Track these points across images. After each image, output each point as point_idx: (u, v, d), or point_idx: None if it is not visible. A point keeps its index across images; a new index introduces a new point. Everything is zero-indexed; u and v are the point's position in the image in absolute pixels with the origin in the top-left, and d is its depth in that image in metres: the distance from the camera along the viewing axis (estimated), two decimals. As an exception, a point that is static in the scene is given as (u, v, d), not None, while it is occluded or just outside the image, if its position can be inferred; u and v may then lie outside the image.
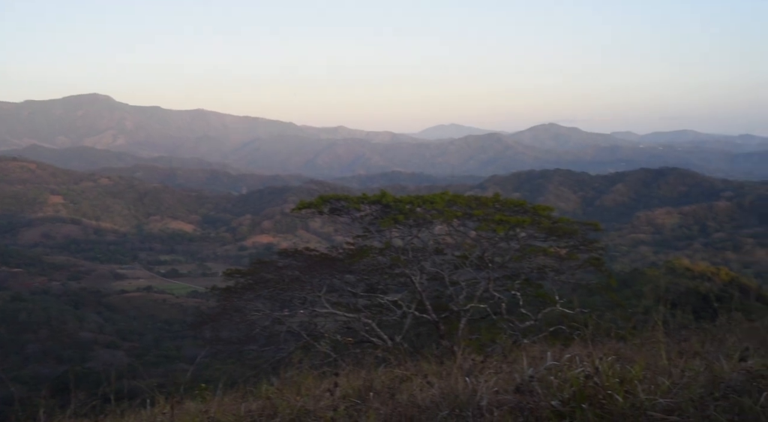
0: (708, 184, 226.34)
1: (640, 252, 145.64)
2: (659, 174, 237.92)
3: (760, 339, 6.44)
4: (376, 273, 18.36)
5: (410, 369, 6.06)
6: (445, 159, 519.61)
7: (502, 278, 18.47)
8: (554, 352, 5.20)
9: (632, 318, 8.92)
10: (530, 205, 19.18)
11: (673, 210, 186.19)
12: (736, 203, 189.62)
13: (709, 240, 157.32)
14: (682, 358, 4.90)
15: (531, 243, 18.51)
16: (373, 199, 17.10)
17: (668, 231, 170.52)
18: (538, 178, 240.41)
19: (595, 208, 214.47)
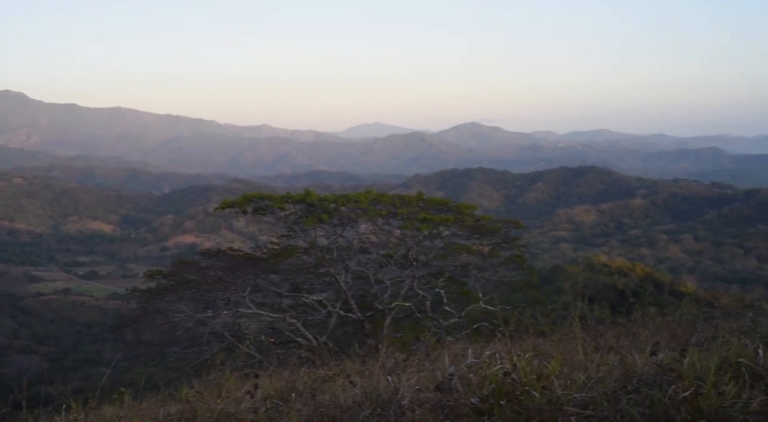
0: (624, 182, 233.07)
1: (560, 249, 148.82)
2: (578, 172, 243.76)
3: (671, 333, 6.66)
4: (301, 273, 18.27)
5: (334, 368, 6.05)
6: (369, 158, 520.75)
7: (426, 276, 18.63)
8: (475, 350, 5.27)
9: (552, 314, 9.09)
10: (454, 204, 19.41)
11: (592, 207, 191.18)
12: (650, 200, 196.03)
13: (626, 236, 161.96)
14: (598, 353, 5.02)
15: (455, 242, 18.72)
16: (297, 198, 17.01)
17: (587, 229, 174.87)
18: (462, 177, 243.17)
19: (517, 206, 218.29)
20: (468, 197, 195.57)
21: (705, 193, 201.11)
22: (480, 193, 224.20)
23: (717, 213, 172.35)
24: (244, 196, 16.83)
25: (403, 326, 17.64)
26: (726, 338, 4.85)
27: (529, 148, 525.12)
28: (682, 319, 7.59)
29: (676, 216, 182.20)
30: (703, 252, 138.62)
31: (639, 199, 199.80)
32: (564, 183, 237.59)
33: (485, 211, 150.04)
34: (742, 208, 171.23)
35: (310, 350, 13.63)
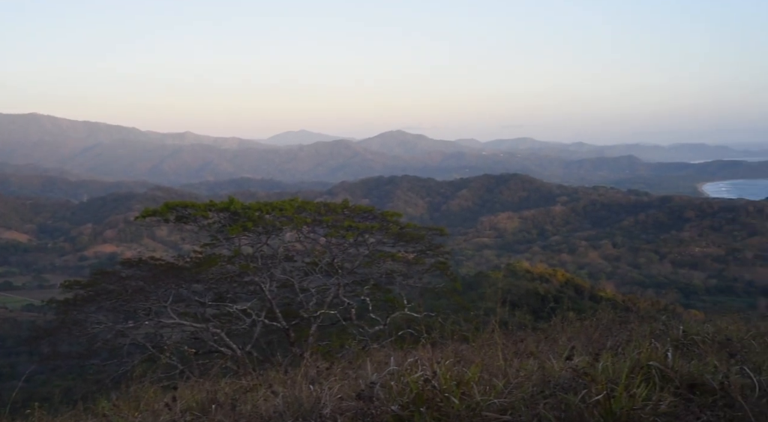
0: (546, 189, 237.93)
1: (484, 256, 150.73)
2: (501, 180, 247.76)
3: (588, 338, 6.84)
4: (225, 282, 18.05)
5: (256, 378, 6.00)
6: (294, 165, 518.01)
7: (351, 284, 18.67)
8: (398, 357, 5.31)
9: (475, 320, 9.20)
10: (379, 211, 19.51)
11: (514, 214, 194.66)
12: (570, 207, 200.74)
13: (547, 242, 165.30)
14: (518, 358, 5.13)
15: (380, 249, 18.82)
16: (221, 206, 16.80)
17: (510, 235, 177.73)
18: (387, 184, 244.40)
19: (441, 213, 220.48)
20: (393, 204, 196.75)
21: (622, 199, 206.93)
22: (405, 200, 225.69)
23: (634, 219, 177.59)
24: (166, 204, 16.51)
25: (329, 334, 17.63)
26: (638, 342, 5.02)
27: (453, 156, 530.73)
28: (599, 324, 7.79)
29: (596, 222, 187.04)
30: (620, 258, 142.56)
31: (560, 205, 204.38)
32: (487, 190, 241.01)
33: (410, 218, 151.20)
34: (658, 214, 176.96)
35: (234, 360, 13.49)
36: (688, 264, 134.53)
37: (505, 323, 8.22)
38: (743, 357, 4.95)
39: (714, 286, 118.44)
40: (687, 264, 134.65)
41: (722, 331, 6.42)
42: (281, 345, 17.04)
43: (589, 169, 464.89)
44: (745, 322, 7.57)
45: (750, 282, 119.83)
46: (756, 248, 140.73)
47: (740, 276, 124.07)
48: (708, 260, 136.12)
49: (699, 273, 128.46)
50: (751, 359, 5.08)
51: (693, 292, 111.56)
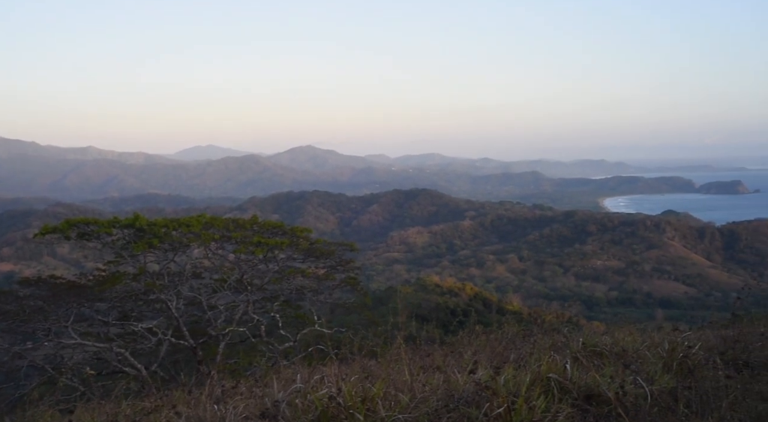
0: (454, 204, 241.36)
1: (394, 271, 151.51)
2: (411, 195, 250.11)
3: (493, 351, 6.99)
4: (130, 300, 17.57)
5: (160, 399, 5.88)
6: (203, 181, 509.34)
7: (261, 300, 18.50)
8: (305, 374, 5.31)
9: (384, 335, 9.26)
10: (289, 227, 19.41)
11: (424, 229, 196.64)
12: (478, 222, 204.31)
13: (456, 257, 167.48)
14: (425, 373, 5.21)
15: (290, 265, 18.74)
16: (125, 222, 16.38)
17: (420, 250, 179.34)
18: (297, 200, 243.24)
19: (352, 229, 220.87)
20: (304, 220, 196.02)
21: (528, 214, 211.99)
22: (315, 215, 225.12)
23: (539, 234, 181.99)
24: (67, 220, 15.99)
25: (238, 351, 17.39)
26: (539, 354, 5.18)
27: (363, 171, 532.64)
28: (504, 337, 7.97)
29: (503, 237, 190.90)
30: (527, 272, 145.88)
31: (468, 220, 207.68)
32: (397, 205, 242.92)
33: (321, 233, 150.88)
34: (561, 228, 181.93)
35: (139, 380, 13.16)
36: (591, 277, 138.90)
37: (414, 337, 8.31)
38: (637, 367, 5.18)
39: (615, 298, 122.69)
40: (590, 277, 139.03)
41: (619, 343, 6.68)
42: (189, 363, 16.72)
43: (496, 184, 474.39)
44: (641, 333, 7.89)
45: (648, 294, 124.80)
46: (653, 261, 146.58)
47: (639, 288, 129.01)
48: (609, 273, 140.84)
49: (601, 286, 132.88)
50: (644, 369, 5.31)
51: (596, 304, 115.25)
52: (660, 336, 7.32)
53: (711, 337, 7.54)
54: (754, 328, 8.10)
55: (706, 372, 5.35)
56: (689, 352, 5.67)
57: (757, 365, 6.09)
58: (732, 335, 7.61)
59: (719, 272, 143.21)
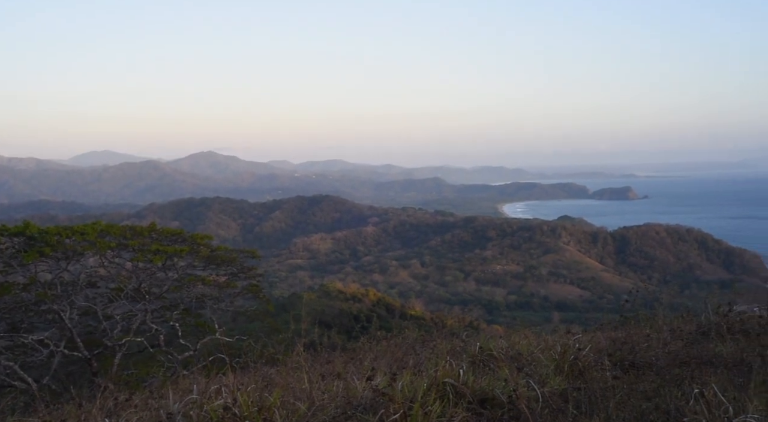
0: (357, 210, 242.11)
1: (297, 277, 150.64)
2: (314, 201, 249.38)
3: (393, 357, 7.08)
4: (20, 311, 16.86)
5: (49, 414, 5.68)
6: (99, 187, 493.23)
7: (160, 309, 18.09)
8: (202, 384, 5.25)
9: (286, 342, 9.23)
10: (189, 234, 19.09)
11: (327, 235, 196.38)
12: (382, 228, 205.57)
13: (360, 263, 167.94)
14: (324, 380, 5.23)
15: (190, 273, 18.42)
16: (14, 230, 15.73)
17: (323, 256, 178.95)
18: (198, 206, 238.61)
19: (255, 235, 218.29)
20: (205, 227, 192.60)
21: (430, 220, 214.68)
22: (217, 222, 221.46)
23: (441, 239, 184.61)
24: (-50, 228, 15.26)
25: (135, 362, 16.95)
26: (436, 359, 5.28)
27: (266, 177, 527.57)
28: (404, 342, 8.08)
29: (405, 242, 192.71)
30: (429, 277, 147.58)
31: (371, 226, 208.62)
32: (301, 211, 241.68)
33: (222, 240, 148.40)
34: (462, 234, 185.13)
35: (28, 394, 12.65)
36: (491, 282, 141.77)
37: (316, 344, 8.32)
38: (531, 370, 5.35)
39: (514, 302, 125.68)
40: (490, 282, 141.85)
41: (515, 346, 6.87)
42: (83, 376, 16.17)
43: (399, 190, 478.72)
44: (536, 336, 8.14)
45: (545, 297, 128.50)
46: (550, 265, 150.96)
47: (537, 292, 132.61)
48: (508, 277, 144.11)
49: (500, 290, 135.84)
50: (538, 372, 5.50)
51: (495, 308, 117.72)
52: (553, 339, 7.57)
53: (601, 339, 7.84)
54: (640, 330, 8.48)
55: (596, 374, 5.58)
56: (580, 354, 5.89)
57: (642, 365, 6.38)
58: (620, 337, 7.95)
59: (611, 275, 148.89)
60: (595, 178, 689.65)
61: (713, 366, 6.24)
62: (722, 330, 8.00)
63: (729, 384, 5.26)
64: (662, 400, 4.98)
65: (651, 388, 5.31)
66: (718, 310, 8.82)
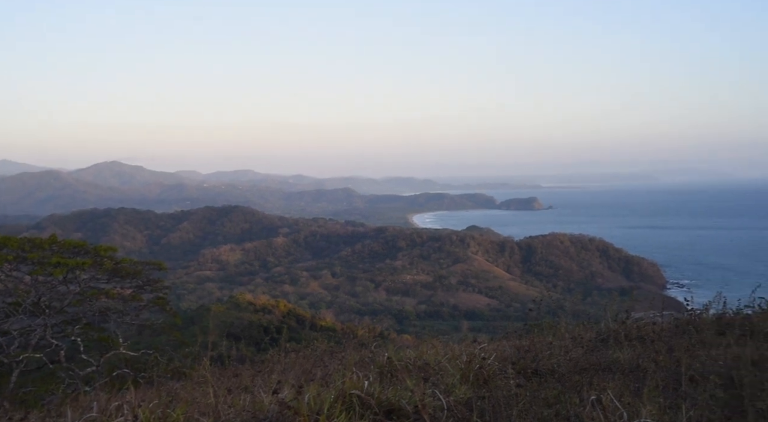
0: (268, 221, 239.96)
1: (206, 289, 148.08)
2: (223, 212, 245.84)
3: (301, 368, 7.06)
4: None
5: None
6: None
7: (61, 324, 17.51)
8: (105, 401, 5.12)
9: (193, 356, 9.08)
10: (92, 246, 18.59)
11: (237, 246, 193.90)
12: (292, 239, 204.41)
13: (270, 274, 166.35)
14: (231, 394, 5.17)
15: (93, 286, 17.94)
16: None
17: (233, 267, 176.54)
18: (102, 217, 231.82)
19: (162, 247, 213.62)
20: (109, 238, 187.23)
21: (341, 230, 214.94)
22: (122, 233, 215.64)
23: (351, 249, 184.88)
24: None
25: (34, 380, 16.34)
26: (343, 371, 5.31)
27: (173, 188, 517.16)
28: (313, 354, 8.07)
29: (316, 253, 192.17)
30: (339, 287, 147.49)
31: (282, 237, 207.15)
32: (210, 222, 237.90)
33: (128, 252, 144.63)
34: (373, 244, 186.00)
35: None
36: (401, 292, 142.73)
37: (224, 357, 8.21)
38: (437, 379, 5.44)
39: (424, 311, 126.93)
40: (400, 292, 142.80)
41: (422, 356, 6.96)
42: (-23, 395, 15.46)
43: (309, 201, 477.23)
44: (443, 346, 8.26)
45: (455, 306, 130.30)
46: (459, 274, 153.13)
47: (446, 301, 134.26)
48: (418, 287, 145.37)
49: (411, 300, 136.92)
50: (444, 381, 5.59)
51: (406, 318, 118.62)
52: (460, 348, 7.70)
53: (506, 347, 8.03)
54: (544, 338, 8.71)
55: (500, 382, 5.71)
56: (485, 363, 6.02)
57: (545, 372, 6.57)
58: (525, 345, 8.15)
59: (518, 284, 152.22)
60: (502, 189, 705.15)
61: (611, 372, 6.48)
62: (620, 337, 8.31)
63: (625, 389, 5.48)
64: (563, 407, 5.14)
65: (552, 395, 5.48)
66: (617, 318, 9.16)
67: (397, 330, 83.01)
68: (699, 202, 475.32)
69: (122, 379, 13.87)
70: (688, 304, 9.90)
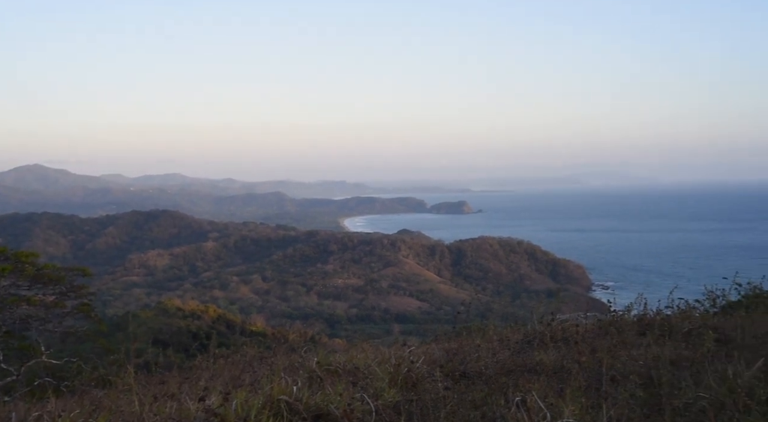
0: (197, 225, 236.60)
1: (133, 295, 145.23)
2: (151, 216, 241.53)
3: (230, 375, 7.00)
4: None
5: None
6: None
7: (-21, 333, 16.97)
8: (27, 410, 4.98)
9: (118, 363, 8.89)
10: (12, 252, 18.07)
11: (165, 251, 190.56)
12: (222, 243, 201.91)
13: (199, 279, 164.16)
14: (157, 402, 5.10)
15: (14, 293, 17.44)
16: None
17: (160, 273, 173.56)
18: (24, 222, 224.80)
19: (87, 252, 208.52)
20: (31, 244, 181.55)
21: (272, 234, 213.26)
22: (45, 239, 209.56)
23: (283, 253, 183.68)
24: None
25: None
26: (271, 376, 5.29)
27: (98, 192, 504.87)
28: (242, 360, 8.01)
29: (247, 257, 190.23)
30: (270, 292, 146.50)
31: (211, 242, 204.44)
32: (137, 227, 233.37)
33: (51, 258, 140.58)
34: (304, 248, 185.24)
35: None
36: (333, 296, 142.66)
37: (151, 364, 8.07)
38: (366, 383, 5.47)
39: (355, 315, 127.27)
40: (331, 296, 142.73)
41: (352, 360, 6.98)
42: None
43: (240, 205, 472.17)
44: (373, 350, 8.30)
45: (386, 310, 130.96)
46: (390, 278, 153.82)
47: (378, 305, 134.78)
48: (350, 290, 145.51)
49: (342, 304, 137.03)
50: (373, 385, 5.62)
51: (337, 322, 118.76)
52: (390, 351, 7.75)
53: (435, 350, 8.12)
54: (472, 340, 8.84)
55: (428, 385, 5.77)
56: (413, 367, 6.08)
57: (472, 375, 6.67)
58: (453, 347, 8.26)
59: (449, 287, 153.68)
60: (432, 193, 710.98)
61: (536, 373, 6.62)
62: (545, 338, 8.50)
63: (549, 390, 5.60)
64: (489, 408, 5.24)
65: (479, 397, 5.57)
66: (543, 320, 9.36)
67: (328, 334, 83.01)
68: (620, 205, 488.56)
69: (44, 388, 13.49)
70: (611, 306, 10.20)
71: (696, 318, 9.27)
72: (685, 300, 10.52)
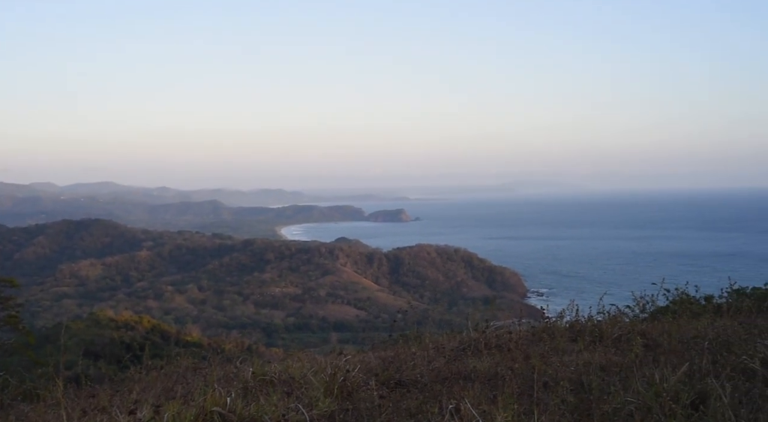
0: (130, 234, 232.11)
1: (64, 306, 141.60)
2: (82, 225, 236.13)
3: (163, 386, 6.90)
4: None
5: None
6: None
7: None
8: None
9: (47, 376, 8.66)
10: (-67, 264, 17.50)
11: (97, 261, 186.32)
12: (156, 252, 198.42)
13: (133, 289, 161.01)
14: (87, 416, 5.00)
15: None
16: None
17: (93, 283, 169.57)
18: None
19: (14, 263, 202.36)
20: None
21: (208, 243, 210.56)
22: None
23: (219, 262, 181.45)
24: None
25: None
26: (204, 388, 5.23)
27: (27, 200, 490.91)
28: (175, 371, 7.89)
29: (182, 267, 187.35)
30: (206, 301, 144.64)
31: (145, 251, 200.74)
32: (68, 236, 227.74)
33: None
34: (241, 257, 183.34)
35: None
36: (270, 305, 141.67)
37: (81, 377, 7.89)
38: (301, 393, 5.45)
39: (293, 324, 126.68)
40: (269, 305, 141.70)
41: (288, 370, 6.96)
42: None
43: (175, 213, 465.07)
44: (310, 359, 8.28)
45: (324, 318, 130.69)
46: (328, 286, 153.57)
47: (315, 314, 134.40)
48: (287, 299, 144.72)
49: (279, 313, 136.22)
50: (308, 395, 5.61)
51: (274, 331, 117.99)
52: (326, 360, 7.74)
53: (372, 359, 8.14)
54: (408, 348, 8.89)
55: (364, 394, 5.79)
56: (349, 376, 6.09)
57: (408, 383, 6.71)
58: (389, 356, 8.29)
59: (386, 295, 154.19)
60: (370, 201, 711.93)
61: (471, 380, 6.70)
62: (480, 345, 8.60)
63: (483, 397, 5.68)
64: (424, 416, 5.28)
65: (414, 405, 5.61)
66: (477, 327, 9.48)
67: (265, 343, 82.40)
68: (552, 213, 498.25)
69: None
70: (545, 312, 10.39)
71: (625, 324, 9.53)
72: (616, 306, 10.80)
